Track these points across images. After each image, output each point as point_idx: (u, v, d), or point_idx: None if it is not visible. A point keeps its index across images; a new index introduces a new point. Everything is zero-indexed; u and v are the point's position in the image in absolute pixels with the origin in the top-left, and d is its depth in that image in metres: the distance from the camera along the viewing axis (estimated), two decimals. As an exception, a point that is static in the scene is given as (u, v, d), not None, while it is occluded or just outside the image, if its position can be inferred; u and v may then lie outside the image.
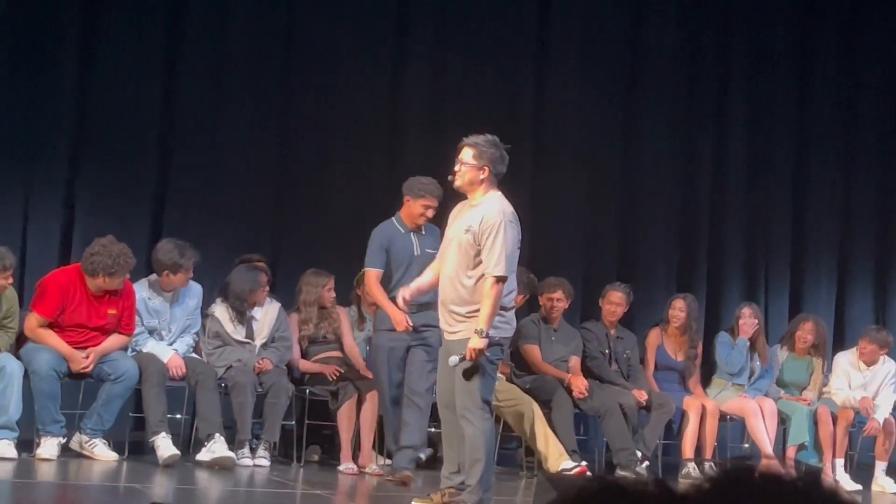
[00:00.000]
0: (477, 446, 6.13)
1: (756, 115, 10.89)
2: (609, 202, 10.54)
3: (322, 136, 9.88)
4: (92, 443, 7.61)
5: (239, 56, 9.67)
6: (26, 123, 9.15)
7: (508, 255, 6.10)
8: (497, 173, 6.29)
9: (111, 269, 7.62)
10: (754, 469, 0.93)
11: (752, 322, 9.27)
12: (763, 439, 8.89)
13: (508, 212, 6.21)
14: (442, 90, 10.19)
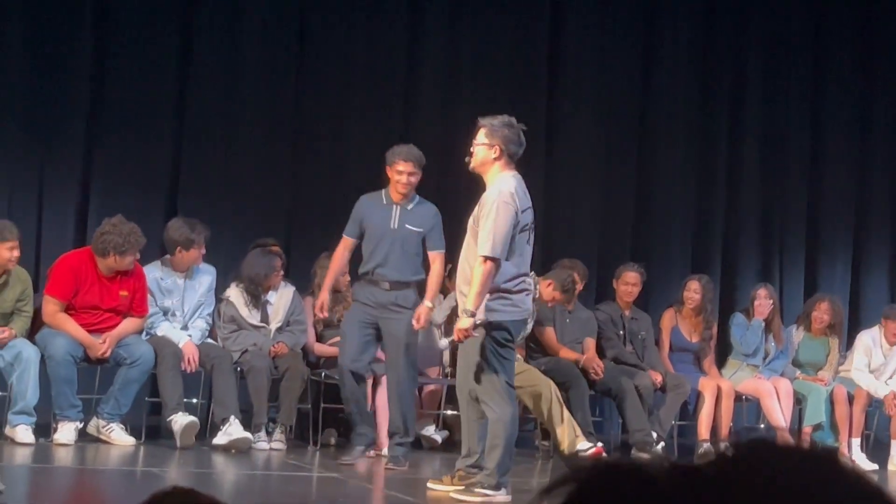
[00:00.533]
0: (496, 432, 6.12)
1: (772, 94, 10.85)
2: (624, 183, 10.53)
3: (337, 120, 9.89)
4: (109, 427, 7.66)
5: (253, 39, 9.69)
6: (41, 108, 9.18)
7: (500, 236, 6.00)
8: (511, 153, 6.20)
9: (122, 248, 7.67)
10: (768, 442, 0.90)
11: (768, 303, 9.25)
12: (778, 419, 8.90)
13: (506, 192, 6.08)
14: (456, 71, 10.19)
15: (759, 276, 10.35)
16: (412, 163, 7.33)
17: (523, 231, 6.16)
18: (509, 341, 6.19)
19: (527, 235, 6.22)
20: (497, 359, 6.10)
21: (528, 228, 6.22)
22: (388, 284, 7.22)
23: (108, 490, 6.53)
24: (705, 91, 10.76)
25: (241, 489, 6.32)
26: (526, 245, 6.24)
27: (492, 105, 10.17)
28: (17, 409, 7.47)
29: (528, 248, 6.28)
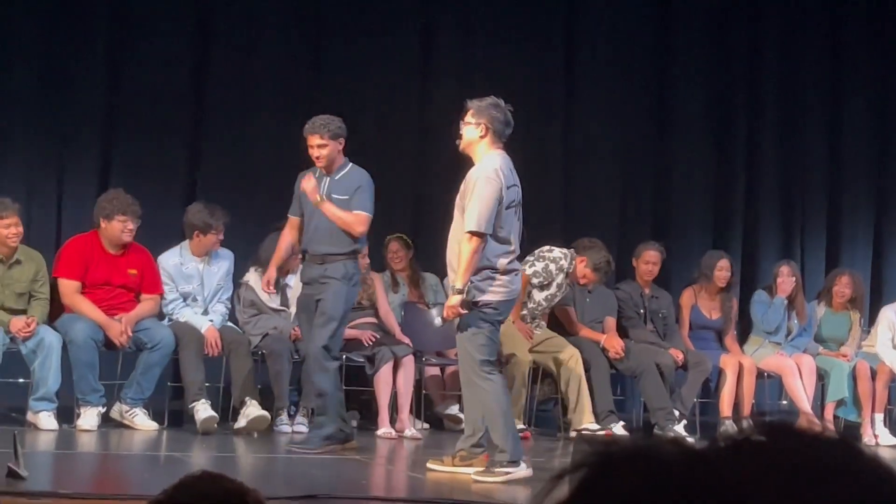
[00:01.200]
0: (489, 408, 6.15)
1: (791, 69, 10.82)
2: (643, 160, 10.53)
3: (353, 105, 9.92)
4: (132, 412, 7.72)
5: (270, 28, 9.73)
6: (58, 98, 9.24)
7: (485, 211, 6.01)
8: (498, 132, 6.21)
9: (125, 209, 7.78)
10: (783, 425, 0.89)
11: (791, 280, 9.23)
12: (801, 396, 8.90)
13: (490, 168, 6.10)
14: (471, 48, 10.20)
15: (780, 253, 10.34)
16: (316, 135, 7.10)
17: (510, 208, 6.16)
18: (498, 322, 6.18)
19: (514, 212, 6.21)
20: (483, 338, 6.10)
21: (514, 205, 6.20)
22: (319, 259, 7.05)
23: (131, 475, 6.57)
24: (724, 66, 10.74)
25: (263, 473, 6.36)
26: (514, 222, 6.22)
27: (509, 87, 10.23)
28: (38, 395, 7.53)
29: (516, 225, 6.25)
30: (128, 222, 7.86)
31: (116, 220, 7.85)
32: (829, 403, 9.05)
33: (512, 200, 6.17)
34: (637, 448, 0.87)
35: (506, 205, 6.13)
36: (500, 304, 6.16)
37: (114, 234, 7.88)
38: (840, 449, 0.87)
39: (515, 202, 6.22)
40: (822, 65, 10.88)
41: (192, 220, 8.15)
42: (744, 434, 0.87)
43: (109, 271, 7.91)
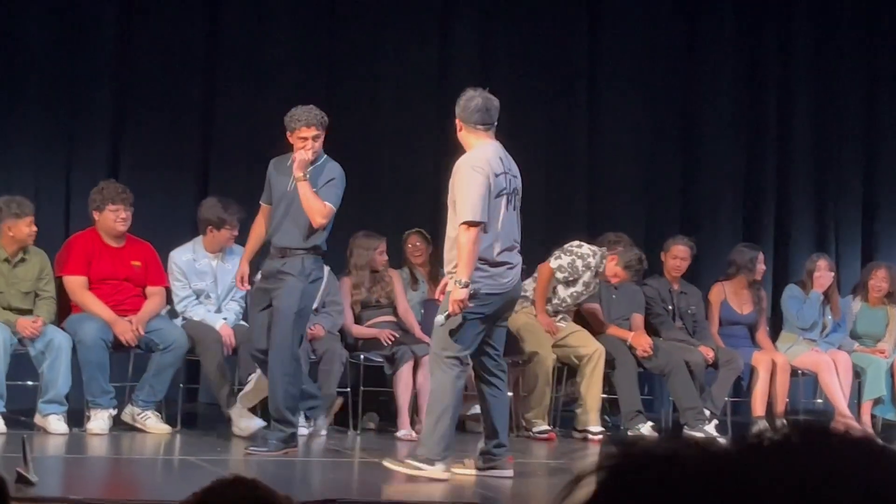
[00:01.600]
0: (437, 397, 6.08)
1: (824, 57, 10.64)
2: (671, 151, 10.38)
3: (370, 95, 9.81)
4: (144, 415, 7.61)
5: (283, 15, 9.63)
6: (67, 89, 9.16)
7: (476, 198, 5.91)
8: (474, 121, 6.12)
9: (114, 198, 7.74)
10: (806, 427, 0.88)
11: (829, 275, 9.04)
12: (837, 395, 8.71)
13: (474, 157, 6.03)
14: (492, 40, 10.07)
15: (814, 246, 10.17)
16: (313, 126, 6.93)
17: (499, 197, 6.04)
18: (477, 314, 6.02)
19: (504, 202, 6.08)
20: (457, 325, 5.99)
21: (504, 194, 6.07)
22: (280, 252, 6.89)
23: (144, 480, 6.44)
24: (753, 54, 10.58)
25: (281, 476, 6.21)
26: (505, 213, 6.08)
27: (531, 74, 10.10)
28: (47, 397, 7.42)
29: (507, 215, 6.11)
30: (119, 211, 7.79)
31: (108, 210, 7.79)
32: (865, 402, 8.89)
33: (502, 189, 6.07)
34: (654, 450, 0.88)
35: (494, 194, 6.02)
36: (485, 296, 6.02)
37: (108, 225, 7.82)
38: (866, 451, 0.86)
39: (506, 191, 6.10)
40: (858, 51, 10.69)
41: (205, 215, 8.04)
42: (766, 435, 0.88)
43: (113, 264, 7.84)
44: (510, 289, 6.16)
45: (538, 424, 8.19)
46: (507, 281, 6.12)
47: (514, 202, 6.18)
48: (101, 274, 7.81)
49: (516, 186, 6.21)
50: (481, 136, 6.14)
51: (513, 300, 6.32)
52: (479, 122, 6.13)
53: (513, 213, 6.17)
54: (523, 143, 10.06)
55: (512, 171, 6.18)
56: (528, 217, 9.79)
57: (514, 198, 6.19)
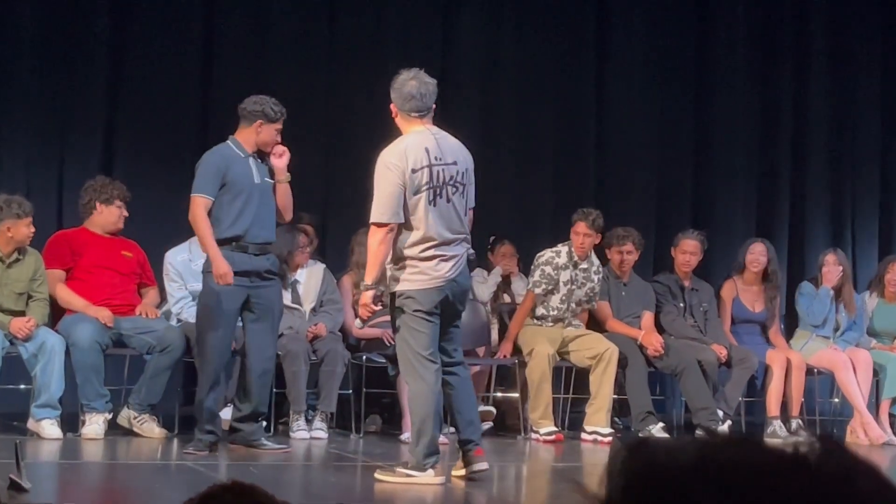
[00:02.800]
0: (413, 409, 6.11)
1: (840, 46, 10.62)
2: (682, 144, 10.35)
3: (371, 90, 9.78)
4: (140, 419, 7.60)
5: (282, 8, 9.59)
6: (60, 86, 9.14)
7: (384, 199, 5.94)
8: (411, 110, 6.07)
9: (123, 196, 7.86)
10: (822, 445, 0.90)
11: (837, 269, 8.99)
12: (855, 394, 8.67)
13: (388, 154, 6.02)
14: (497, 35, 10.05)
15: (830, 242, 10.14)
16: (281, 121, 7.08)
17: (419, 193, 5.98)
18: (419, 311, 6.00)
19: (428, 196, 6.00)
20: (407, 330, 6.00)
21: (427, 189, 5.99)
22: (260, 248, 6.96)
23: (140, 486, 6.41)
24: (768, 43, 10.55)
25: (282, 481, 6.19)
26: (429, 208, 6.01)
27: (537, 68, 10.08)
28: (41, 401, 7.40)
29: (435, 210, 6.02)
30: (123, 208, 7.95)
31: (116, 205, 7.90)
32: (884, 401, 8.85)
33: (422, 184, 5.99)
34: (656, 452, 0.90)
35: (413, 190, 5.98)
36: (418, 292, 6.00)
37: (110, 220, 7.90)
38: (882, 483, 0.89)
39: (430, 185, 6.01)
40: (875, 41, 10.67)
41: None
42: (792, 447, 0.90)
43: (104, 252, 7.89)
44: (449, 280, 6.05)
45: (545, 426, 8.17)
46: (444, 272, 6.03)
47: (446, 193, 6.06)
48: (93, 262, 7.83)
49: (452, 175, 6.08)
50: (414, 123, 6.08)
51: (460, 291, 6.18)
52: (412, 109, 6.08)
53: (447, 206, 6.06)
54: (530, 138, 10.09)
55: (446, 160, 6.05)
56: (536, 212, 9.84)
57: (446, 189, 6.06)
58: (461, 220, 6.13)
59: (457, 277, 6.08)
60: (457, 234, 6.09)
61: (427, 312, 6.01)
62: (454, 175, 6.08)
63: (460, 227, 6.12)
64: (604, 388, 8.26)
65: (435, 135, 6.09)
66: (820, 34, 10.61)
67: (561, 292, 8.47)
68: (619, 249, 8.77)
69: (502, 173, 9.75)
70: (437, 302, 6.02)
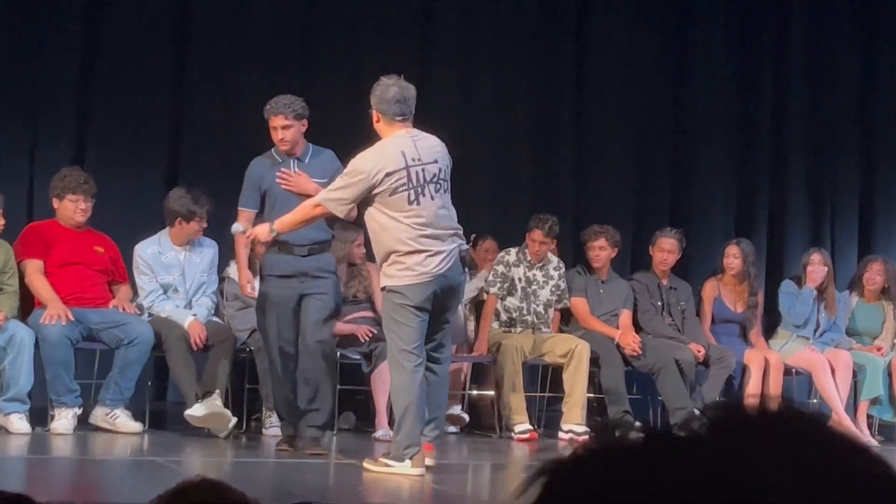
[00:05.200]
0: (395, 400, 6.32)
1: (819, 43, 10.69)
2: (660, 141, 10.40)
3: (348, 82, 9.79)
4: (113, 414, 7.59)
5: (258, 4, 9.61)
6: (31, 73, 9.12)
7: (341, 195, 6.27)
8: (395, 114, 6.29)
9: (75, 188, 7.79)
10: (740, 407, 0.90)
11: (822, 269, 9.07)
12: (832, 395, 8.74)
13: (369, 157, 6.26)
14: (476, 24, 10.08)
15: (809, 239, 10.21)
16: (280, 115, 7.08)
17: (396, 194, 6.21)
18: (405, 305, 6.20)
19: (409, 197, 6.22)
20: (395, 324, 6.22)
21: (406, 190, 6.21)
22: (308, 250, 7.06)
23: (110, 482, 6.44)
24: (747, 40, 10.60)
25: (253, 478, 6.22)
26: (413, 205, 6.22)
27: (516, 59, 10.12)
28: (9, 395, 7.40)
29: (417, 207, 6.23)
30: (79, 201, 7.85)
31: (67, 199, 7.84)
32: (862, 402, 8.91)
33: (399, 186, 6.22)
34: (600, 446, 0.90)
35: (389, 192, 6.21)
36: (405, 288, 6.19)
37: (66, 215, 7.86)
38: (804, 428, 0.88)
39: (409, 186, 6.22)
40: (854, 37, 10.73)
41: (173, 207, 8.01)
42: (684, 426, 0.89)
43: (75, 247, 7.86)
44: (437, 275, 6.22)
45: (519, 423, 8.23)
46: (431, 268, 6.20)
47: (429, 192, 6.25)
48: (63, 258, 7.81)
49: (435, 173, 6.28)
50: (396, 127, 6.30)
51: (450, 287, 6.31)
52: (397, 113, 6.30)
53: (431, 203, 6.25)
54: (508, 136, 10.12)
55: (424, 160, 6.26)
56: (514, 209, 9.88)
57: (428, 187, 6.25)
58: (450, 215, 6.35)
59: (446, 272, 6.24)
60: (445, 230, 6.27)
61: (414, 307, 6.19)
62: (436, 173, 6.30)
63: (449, 223, 6.32)
64: (577, 386, 8.33)
65: (413, 137, 6.31)
66: (800, 34, 10.68)
67: (518, 292, 8.57)
68: (592, 245, 8.85)
69: (480, 172, 9.79)
70: (425, 297, 6.19)
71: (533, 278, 8.64)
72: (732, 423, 0.89)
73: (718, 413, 0.89)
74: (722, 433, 0.87)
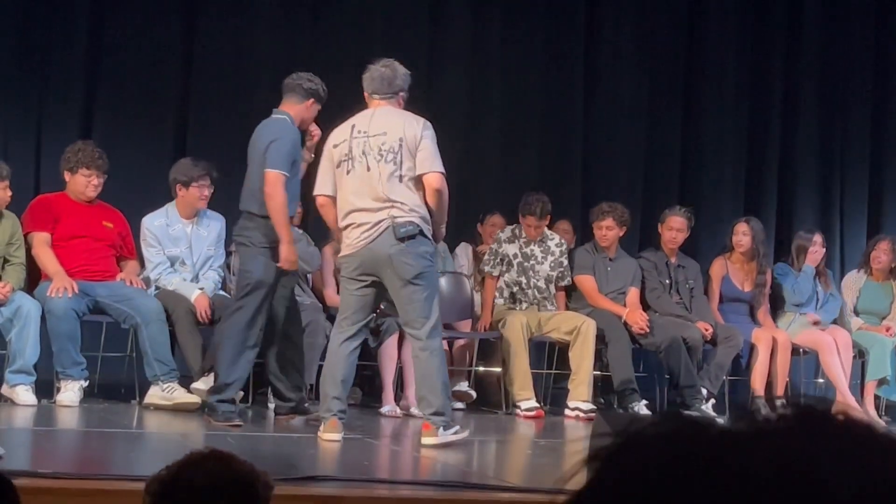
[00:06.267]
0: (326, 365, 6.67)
1: (831, 25, 10.65)
2: (670, 119, 10.38)
3: (355, 59, 9.78)
4: (169, 387, 7.53)
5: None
6: (39, 45, 9.11)
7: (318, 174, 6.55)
8: (370, 91, 6.51)
9: (89, 162, 7.78)
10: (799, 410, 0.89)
11: (822, 251, 9.18)
12: (839, 376, 8.74)
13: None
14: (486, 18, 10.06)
15: (818, 221, 10.20)
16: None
17: (340, 166, 6.39)
18: (343, 277, 6.51)
19: (346, 167, 6.36)
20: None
21: (344, 160, 6.37)
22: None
23: (115, 454, 6.45)
24: (759, 20, 10.57)
25: (261, 452, 6.23)
26: (346, 176, 6.37)
27: (526, 39, 10.09)
28: (15, 367, 7.40)
29: (348, 178, 6.35)
30: (92, 177, 7.83)
31: (80, 173, 7.82)
32: (869, 382, 8.91)
33: (342, 157, 6.39)
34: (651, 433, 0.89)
35: (336, 164, 6.42)
36: (341, 259, 6.50)
37: (77, 189, 7.85)
38: (866, 437, 0.87)
39: (346, 157, 6.38)
40: (867, 20, 10.68)
41: (173, 175, 8.04)
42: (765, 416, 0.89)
43: (83, 221, 7.85)
44: (361, 246, 6.28)
45: (525, 399, 8.24)
46: (353, 239, 6.31)
47: (366, 162, 6.29)
48: (71, 231, 7.80)
49: (379, 145, 6.29)
50: (372, 104, 6.49)
51: (375, 259, 6.28)
52: (371, 90, 6.50)
53: (365, 174, 6.29)
54: (517, 117, 10.10)
55: (370, 132, 6.31)
56: (523, 186, 9.86)
57: (365, 158, 6.30)
58: (386, 186, 6.26)
59: (370, 244, 6.24)
60: (378, 201, 6.25)
61: (348, 278, 6.39)
62: (380, 145, 6.30)
63: (381, 194, 6.26)
64: (584, 363, 8.32)
65: (374, 112, 6.42)
66: (812, 19, 10.64)
67: (515, 268, 8.59)
68: (600, 224, 8.85)
69: (489, 152, 9.79)
70: (351, 268, 6.32)
71: (531, 253, 8.64)
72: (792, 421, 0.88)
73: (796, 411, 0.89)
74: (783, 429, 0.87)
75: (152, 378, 7.58)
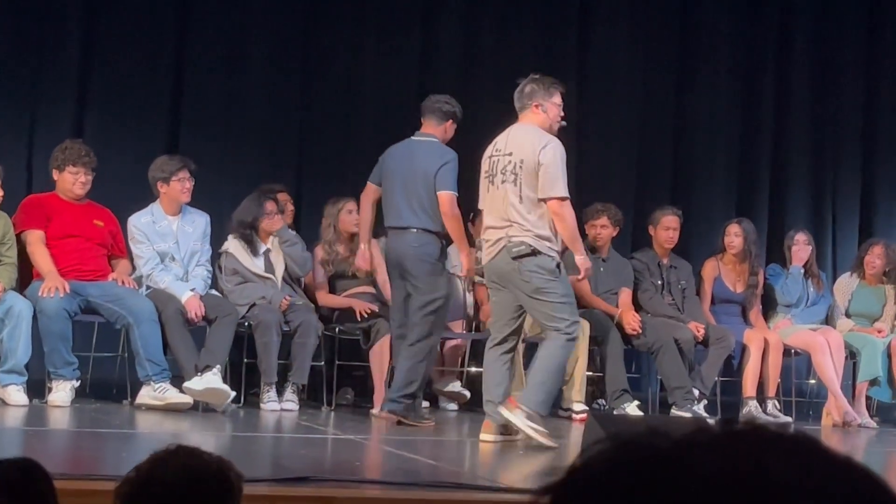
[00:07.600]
0: None
1: (824, 26, 10.67)
2: (662, 120, 10.39)
3: (349, 57, 9.79)
4: (161, 387, 7.53)
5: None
6: (31, 43, 9.11)
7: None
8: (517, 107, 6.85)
9: (76, 160, 7.79)
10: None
11: (807, 248, 9.19)
12: (831, 377, 8.76)
13: None
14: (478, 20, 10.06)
15: (810, 223, 10.22)
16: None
17: (482, 182, 6.84)
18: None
19: (488, 183, 6.81)
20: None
21: (486, 177, 6.82)
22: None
23: (106, 454, 6.45)
24: (751, 22, 10.58)
25: (250, 453, 6.24)
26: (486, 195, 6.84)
27: (518, 39, 10.10)
28: (6, 367, 7.40)
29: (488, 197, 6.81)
30: (80, 174, 7.84)
31: (67, 171, 7.83)
32: (861, 383, 8.92)
33: (484, 172, 6.79)
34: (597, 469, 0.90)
35: (482, 177, 6.81)
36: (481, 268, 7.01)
37: (65, 187, 7.85)
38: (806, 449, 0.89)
39: (488, 173, 6.76)
40: (859, 21, 10.70)
41: (152, 174, 8.03)
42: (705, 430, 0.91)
43: (74, 220, 7.85)
44: (487, 262, 6.72)
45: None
46: (485, 255, 6.73)
47: (495, 181, 6.66)
48: (62, 230, 7.80)
49: (506, 165, 6.63)
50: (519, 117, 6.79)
51: (500, 273, 6.66)
52: (518, 107, 6.80)
53: (495, 192, 6.66)
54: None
55: (504, 150, 6.65)
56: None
57: (497, 178, 6.66)
58: (508, 207, 6.64)
59: (492, 261, 6.70)
60: (499, 220, 6.67)
61: (489, 287, 6.94)
62: (506, 165, 6.73)
63: (503, 213, 6.66)
64: (577, 364, 8.33)
65: (511, 129, 6.80)
66: (804, 17, 10.66)
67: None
68: (593, 224, 8.86)
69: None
70: (488, 278, 6.81)
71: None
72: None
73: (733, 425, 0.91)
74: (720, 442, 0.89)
75: (144, 378, 7.57)
